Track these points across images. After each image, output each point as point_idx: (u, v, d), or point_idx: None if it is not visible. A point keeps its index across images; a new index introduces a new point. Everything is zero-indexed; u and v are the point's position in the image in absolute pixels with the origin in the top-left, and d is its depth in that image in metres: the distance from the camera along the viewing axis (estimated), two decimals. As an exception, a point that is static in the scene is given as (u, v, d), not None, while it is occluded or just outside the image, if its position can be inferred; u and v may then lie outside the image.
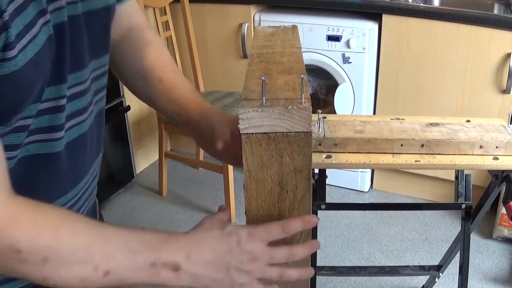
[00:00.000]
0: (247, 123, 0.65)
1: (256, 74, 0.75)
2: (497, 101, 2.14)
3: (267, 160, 0.67)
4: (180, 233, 0.64)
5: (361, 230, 2.35)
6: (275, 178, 0.68)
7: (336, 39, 2.32)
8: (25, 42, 0.53)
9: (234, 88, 2.56)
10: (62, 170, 0.67)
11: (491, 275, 2.03)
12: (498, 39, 2.04)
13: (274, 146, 0.66)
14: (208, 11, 2.57)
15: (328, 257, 2.16)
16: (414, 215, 2.44)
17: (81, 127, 0.69)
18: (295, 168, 0.68)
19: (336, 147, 1.18)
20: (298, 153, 0.67)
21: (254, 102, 0.66)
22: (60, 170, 0.66)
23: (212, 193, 2.65)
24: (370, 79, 2.36)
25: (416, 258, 2.15)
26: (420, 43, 2.19)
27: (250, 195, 0.70)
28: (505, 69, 2.06)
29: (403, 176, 2.53)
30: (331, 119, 1.28)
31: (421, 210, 2.46)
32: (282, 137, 0.66)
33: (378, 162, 1.16)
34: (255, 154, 0.67)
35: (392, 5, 2.20)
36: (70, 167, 0.68)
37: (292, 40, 0.88)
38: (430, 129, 1.21)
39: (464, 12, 2.08)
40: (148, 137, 2.85)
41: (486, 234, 2.28)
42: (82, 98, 0.68)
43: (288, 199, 0.70)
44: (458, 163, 1.15)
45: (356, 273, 1.76)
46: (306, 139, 0.66)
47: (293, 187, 0.69)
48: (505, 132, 1.20)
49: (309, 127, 0.65)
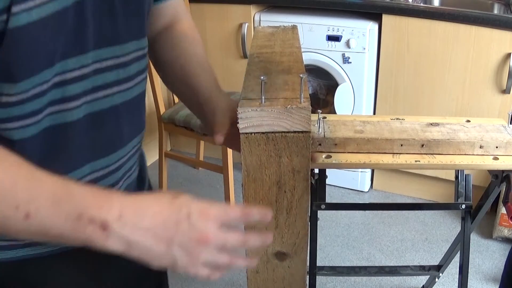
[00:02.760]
0: (246, 122, 0.65)
1: (255, 73, 0.75)
2: (497, 101, 2.14)
3: (265, 160, 0.67)
4: (123, 194, 0.57)
5: (361, 230, 2.35)
6: (273, 178, 0.69)
7: (336, 39, 2.32)
8: (32, 5, 0.53)
9: (234, 88, 2.56)
10: (82, 140, 0.66)
11: (491, 275, 2.03)
12: (498, 39, 2.04)
13: (273, 147, 0.66)
14: (208, 11, 2.57)
15: (328, 257, 2.16)
16: (414, 215, 2.43)
17: (108, 101, 0.69)
18: (293, 168, 0.68)
19: (336, 147, 1.18)
20: (297, 154, 0.67)
21: (254, 101, 0.66)
22: (78, 141, 0.66)
23: (212, 193, 2.65)
24: (370, 79, 2.36)
25: (416, 258, 2.15)
26: (420, 43, 2.19)
27: (248, 194, 0.70)
28: (505, 69, 2.06)
29: (403, 176, 2.53)
30: (331, 119, 1.28)
31: (421, 210, 2.46)
32: (281, 137, 0.66)
33: (378, 162, 1.16)
34: (254, 154, 0.67)
35: (392, 5, 2.20)
36: (92, 137, 0.68)
37: (291, 40, 0.88)
38: (430, 129, 1.21)
39: (464, 12, 2.07)
40: (148, 137, 2.85)
41: (486, 234, 2.27)
42: (112, 73, 0.68)
43: (286, 199, 0.70)
44: (458, 163, 1.15)
45: (356, 273, 1.76)
46: (305, 140, 0.66)
47: (291, 187, 0.69)
48: (505, 132, 1.20)
49: (308, 127, 0.65)
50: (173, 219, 0.55)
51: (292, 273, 0.80)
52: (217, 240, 0.57)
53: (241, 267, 0.63)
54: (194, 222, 0.56)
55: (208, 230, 0.56)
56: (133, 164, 0.81)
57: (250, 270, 0.80)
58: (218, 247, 0.57)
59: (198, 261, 0.57)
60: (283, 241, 0.75)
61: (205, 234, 0.56)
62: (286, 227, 0.74)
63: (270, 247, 0.76)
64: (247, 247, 0.62)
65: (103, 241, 0.53)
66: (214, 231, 0.56)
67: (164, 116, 2.39)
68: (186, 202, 0.57)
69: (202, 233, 0.56)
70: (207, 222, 0.56)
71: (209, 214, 0.57)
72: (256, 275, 0.80)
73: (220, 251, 0.58)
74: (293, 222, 0.73)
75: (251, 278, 0.81)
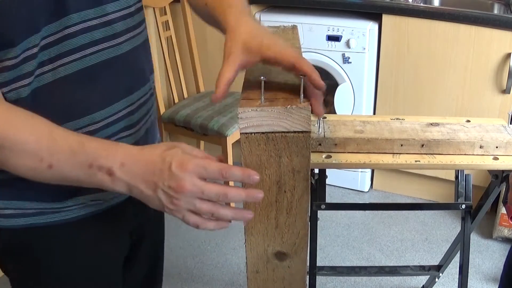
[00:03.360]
0: (246, 122, 0.65)
1: (255, 73, 0.75)
2: (497, 101, 2.14)
3: (265, 160, 0.67)
4: (128, 145, 0.68)
5: (361, 230, 2.35)
6: (273, 178, 0.69)
7: (336, 39, 2.32)
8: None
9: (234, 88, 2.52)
10: (78, 95, 0.75)
11: (491, 275, 2.03)
12: (498, 39, 2.04)
13: (273, 147, 0.66)
14: (208, 11, 2.56)
15: (328, 257, 2.16)
16: (414, 215, 2.43)
17: (98, 56, 0.75)
18: (293, 168, 0.68)
19: (336, 147, 1.18)
20: (297, 154, 0.67)
21: (253, 101, 0.66)
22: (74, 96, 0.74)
23: (212, 193, 2.65)
24: (370, 79, 2.36)
25: (416, 258, 2.15)
26: (420, 43, 2.19)
27: None
28: (505, 69, 2.06)
29: (403, 176, 2.53)
30: (331, 119, 1.28)
31: (421, 210, 2.46)
32: (281, 137, 0.66)
33: (378, 162, 1.16)
34: (254, 154, 0.67)
35: (392, 5, 2.20)
36: (88, 92, 0.76)
37: (292, 40, 0.88)
38: (430, 129, 1.21)
39: (464, 12, 2.07)
40: (148, 137, 2.85)
41: (486, 234, 2.27)
42: (98, 31, 0.75)
43: (286, 199, 0.70)
44: (458, 163, 1.15)
45: (356, 273, 1.76)
46: (305, 140, 0.66)
47: (291, 187, 0.69)
48: (505, 132, 1.20)
49: (308, 127, 0.65)
50: (158, 167, 0.64)
51: (292, 273, 0.80)
52: (192, 190, 0.63)
53: (228, 217, 0.66)
54: (173, 171, 0.63)
55: (185, 179, 0.62)
56: (140, 120, 0.85)
57: (250, 270, 0.80)
58: (197, 197, 0.63)
59: (180, 207, 0.64)
60: (283, 241, 0.75)
61: (181, 183, 0.62)
62: (286, 227, 0.74)
63: (270, 247, 0.76)
64: (229, 200, 0.65)
65: (111, 184, 0.65)
66: (190, 181, 0.62)
67: (164, 116, 2.39)
68: (172, 153, 0.64)
69: (178, 182, 0.62)
70: (184, 172, 0.62)
71: (187, 167, 0.63)
72: (256, 275, 0.80)
73: (202, 201, 0.64)
74: (293, 222, 0.73)
75: (251, 278, 0.81)
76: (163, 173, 0.63)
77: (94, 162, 0.64)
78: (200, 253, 2.19)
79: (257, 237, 0.75)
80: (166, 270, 1.11)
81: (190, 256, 2.17)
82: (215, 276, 2.06)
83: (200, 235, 2.30)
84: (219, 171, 0.64)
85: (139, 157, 0.65)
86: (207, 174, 0.64)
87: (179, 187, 0.62)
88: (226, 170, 0.64)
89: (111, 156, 0.65)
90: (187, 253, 2.19)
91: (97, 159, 0.65)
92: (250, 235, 0.75)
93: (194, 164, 0.63)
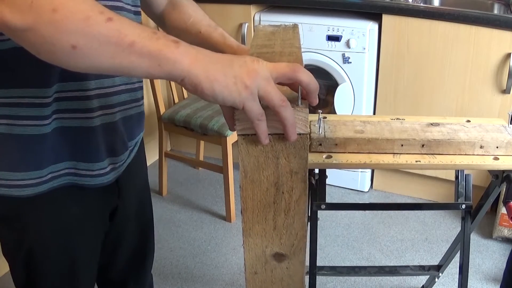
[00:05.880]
0: (244, 124, 0.65)
1: None
2: (497, 101, 2.13)
3: (263, 161, 0.67)
4: None
5: (361, 230, 2.35)
6: (271, 179, 0.68)
7: (336, 39, 2.32)
8: None
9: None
10: None
11: (491, 275, 2.03)
12: (498, 39, 2.04)
13: (270, 148, 0.66)
14: (208, 11, 2.52)
15: (328, 257, 2.16)
16: (414, 215, 2.43)
17: None
18: (291, 170, 0.67)
19: (337, 147, 1.17)
20: (294, 155, 0.66)
21: None
22: None
23: (212, 193, 2.65)
24: (370, 79, 2.35)
25: (416, 258, 2.15)
26: (420, 43, 2.18)
27: (246, 195, 0.70)
28: (505, 69, 2.06)
29: (403, 176, 2.53)
30: (331, 119, 1.27)
31: (421, 210, 2.46)
32: (278, 139, 0.66)
33: (379, 162, 1.15)
34: (251, 155, 0.67)
35: (392, 5, 2.20)
36: None
37: (292, 40, 0.87)
38: (430, 129, 1.21)
39: (464, 12, 2.07)
40: (148, 137, 2.85)
41: (486, 234, 2.27)
42: None
43: (283, 200, 0.70)
44: (458, 163, 1.14)
45: (356, 273, 1.76)
46: (303, 142, 0.66)
47: (289, 189, 0.69)
48: (505, 132, 1.19)
49: (306, 129, 0.65)
50: (230, 60, 0.65)
51: (290, 274, 0.79)
52: (264, 74, 0.64)
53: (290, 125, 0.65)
54: (247, 63, 0.64)
55: (257, 67, 0.64)
56: None
57: (249, 271, 0.79)
58: (266, 83, 0.64)
59: (251, 93, 0.63)
60: (281, 243, 0.75)
61: (255, 68, 0.64)
62: (284, 229, 0.74)
63: (269, 248, 0.76)
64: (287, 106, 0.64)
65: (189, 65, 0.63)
66: (262, 69, 0.64)
67: (164, 116, 2.39)
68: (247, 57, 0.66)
69: (252, 68, 0.64)
70: (258, 63, 0.65)
71: (259, 61, 0.65)
72: (254, 276, 0.80)
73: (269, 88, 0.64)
74: (291, 223, 0.73)
75: (249, 279, 0.80)
76: (235, 63, 0.64)
77: (175, 44, 0.64)
78: (200, 253, 2.19)
79: (255, 239, 0.75)
80: (166, 270, 1.12)
81: (190, 256, 2.17)
82: (215, 276, 2.06)
83: (200, 235, 2.30)
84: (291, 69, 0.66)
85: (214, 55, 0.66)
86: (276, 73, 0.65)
87: (253, 71, 0.63)
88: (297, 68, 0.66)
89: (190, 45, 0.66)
90: (187, 253, 2.19)
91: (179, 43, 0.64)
92: (248, 236, 0.75)
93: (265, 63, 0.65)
